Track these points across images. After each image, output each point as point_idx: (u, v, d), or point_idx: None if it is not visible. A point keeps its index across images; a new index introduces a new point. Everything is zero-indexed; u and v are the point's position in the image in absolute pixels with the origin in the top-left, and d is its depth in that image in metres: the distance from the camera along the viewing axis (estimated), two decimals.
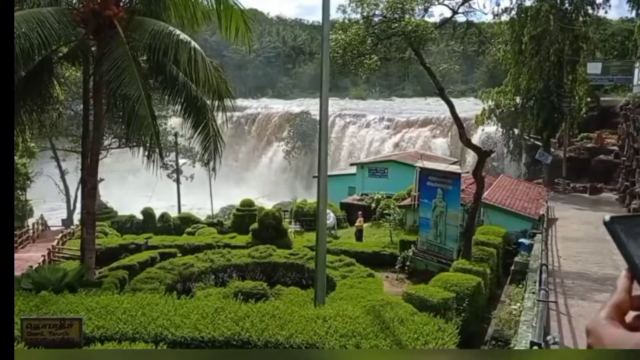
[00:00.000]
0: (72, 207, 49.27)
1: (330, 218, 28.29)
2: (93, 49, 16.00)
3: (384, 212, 27.74)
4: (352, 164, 42.75)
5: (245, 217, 29.84)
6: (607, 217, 0.80)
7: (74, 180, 47.43)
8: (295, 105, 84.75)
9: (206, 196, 45.20)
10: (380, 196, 32.14)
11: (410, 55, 20.84)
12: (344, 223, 32.22)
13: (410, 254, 20.14)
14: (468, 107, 67.58)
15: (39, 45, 13.88)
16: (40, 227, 35.73)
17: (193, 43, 14.46)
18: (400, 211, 26.31)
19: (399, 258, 20.48)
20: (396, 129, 67.65)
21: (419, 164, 22.26)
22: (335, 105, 79.08)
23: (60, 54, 16.79)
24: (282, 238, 23.78)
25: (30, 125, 19.88)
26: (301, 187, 65.86)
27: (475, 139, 48.86)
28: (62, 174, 49.43)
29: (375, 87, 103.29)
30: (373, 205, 31.83)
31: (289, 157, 71.34)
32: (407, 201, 27.16)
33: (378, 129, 69.08)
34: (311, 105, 78.89)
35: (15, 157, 30.82)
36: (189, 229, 30.20)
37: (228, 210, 46.28)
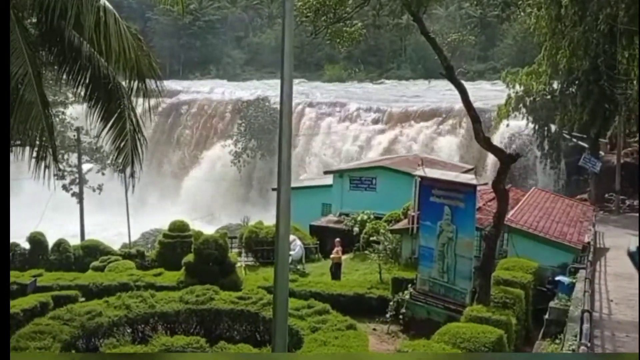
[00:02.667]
0: None
1: (296, 247, 28.31)
2: None
3: (371, 239, 27.86)
4: (326, 172, 42.91)
5: (176, 245, 29.58)
6: (633, 248, 0.83)
7: None
8: (248, 90, 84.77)
9: (121, 216, 44.63)
10: (365, 217, 32.25)
11: (408, 21, 21.14)
12: (315, 254, 32.25)
13: (407, 297, 20.22)
14: (487, 93, 68.85)
15: None
16: None
17: (103, 0, 14.35)
18: (393, 238, 26.45)
19: (391, 303, 20.52)
20: (389, 124, 68.28)
21: (419, 172, 22.48)
22: (304, 89, 79.63)
23: None
24: (227, 275, 23.63)
25: None
26: (255, 205, 65.66)
27: (497, 138, 49.75)
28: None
29: (360, 65, 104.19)
30: (356, 229, 31.92)
31: (238, 161, 71.15)
32: (403, 224, 27.34)
33: (363, 122, 69.57)
34: (270, 90, 78.91)
35: None
36: (96, 263, 29.73)
37: (152, 237, 45.89)
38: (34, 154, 14.19)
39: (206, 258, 23.78)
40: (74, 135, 46.23)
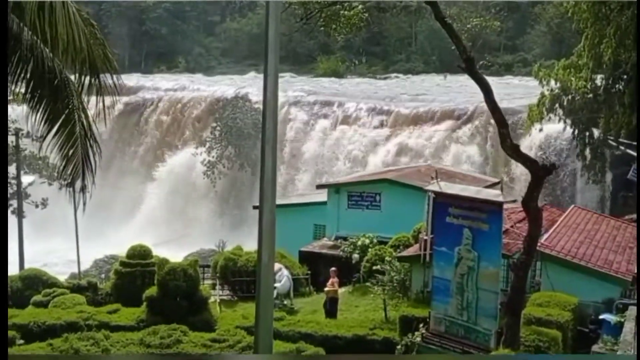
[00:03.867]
0: None
1: (283, 278, 28.23)
2: None
3: (374, 268, 27.82)
4: (320, 186, 42.92)
5: (135, 276, 29.44)
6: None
7: None
8: (224, 86, 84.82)
9: (69, 240, 44.53)
10: (367, 241, 32.17)
11: (419, 3, 21.27)
12: (305, 287, 32.18)
13: (418, 339, 20.19)
14: (516, 90, 69.05)
15: None
16: None
17: None
18: (401, 267, 26.42)
19: (399, 347, 20.49)
20: (395, 127, 68.38)
21: (433, 186, 22.52)
22: (293, 85, 79.77)
23: None
24: (198, 312, 23.59)
25: None
26: (233, 226, 65.58)
27: (528, 145, 49.83)
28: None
29: (361, 56, 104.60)
30: (355, 256, 31.83)
31: (212, 173, 71.15)
32: (413, 250, 27.32)
33: (365, 125, 69.68)
34: (251, 86, 78.98)
35: None
36: (38, 297, 29.58)
37: (106, 265, 45.72)
38: None
39: (173, 291, 23.74)
40: (12, 142, 46.09)
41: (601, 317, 20.97)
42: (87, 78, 15.77)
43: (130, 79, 79.10)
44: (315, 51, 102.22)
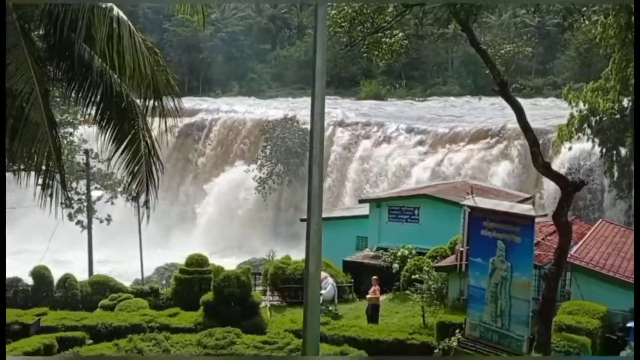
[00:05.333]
0: None
1: (328, 286, 28.26)
2: None
3: (413, 277, 27.71)
4: (362, 201, 42.83)
5: (193, 282, 29.73)
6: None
7: None
8: (274, 108, 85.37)
9: (134, 249, 45.06)
10: (407, 252, 32.09)
11: (455, 30, 21.22)
12: (349, 294, 32.12)
13: (454, 344, 20.04)
14: (547, 112, 68.33)
15: None
16: None
17: (117, 10, 14.62)
18: (438, 276, 26.29)
19: (436, 351, 20.36)
20: (433, 146, 68.14)
21: (469, 201, 22.36)
22: (337, 107, 79.91)
23: None
24: (251, 317, 23.68)
25: None
26: (281, 237, 65.74)
27: (558, 163, 49.25)
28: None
29: (401, 80, 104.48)
30: (395, 266, 31.76)
31: (263, 188, 71.49)
32: (450, 260, 27.16)
33: (404, 145, 69.54)
34: (299, 108, 79.34)
35: None
36: (105, 301, 30.01)
37: (167, 272, 46.16)
38: (40, 180, 14.38)
39: (227, 297, 23.90)
40: (83, 159, 46.81)
41: (628, 324, 20.61)
42: (151, 101, 15.99)
43: (189, 102, 79.97)
44: (357, 75, 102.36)
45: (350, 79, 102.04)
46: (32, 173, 14.65)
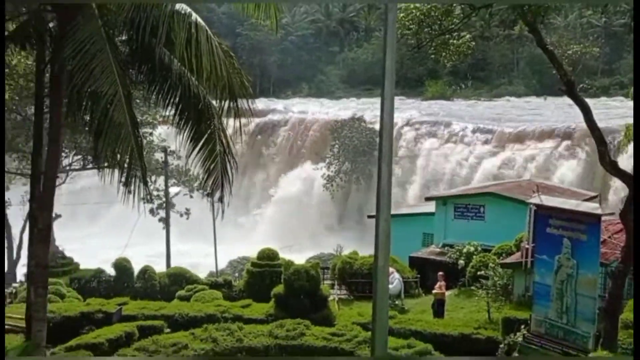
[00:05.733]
0: (15, 255, 50.79)
1: (395, 281, 28.14)
2: (51, 25, 16.69)
3: (479, 273, 27.39)
4: (428, 199, 42.53)
5: (264, 275, 30.09)
6: None
7: (18, 216, 49.00)
8: (342, 108, 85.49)
9: (208, 243, 45.80)
10: (472, 249, 31.76)
11: (521, 31, 20.88)
12: (415, 289, 31.95)
13: (520, 339, 19.72)
14: (614, 112, 66.50)
15: None
16: None
17: (195, 16, 14.88)
18: (504, 273, 25.93)
19: (502, 346, 20.08)
20: (499, 145, 67.15)
21: (535, 199, 21.94)
22: (404, 108, 79.45)
23: (5, 33, 17.60)
24: (320, 309, 23.75)
25: None
26: (349, 233, 65.77)
27: (625, 162, 47.85)
28: (2, 206, 51.12)
29: (467, 80, 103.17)
30: (461, 262, 31.46)
31: (331, 185, 71.69)
32: (515, 257, 26.74)
33: (470, 144, 68.71)
34: (367, 109, 79.27)
35: None
36: (181, 292, 30.63)
37: (240, 265, 46.74)
38: (123, 177, 14.72)
39: (297, 290, 24.03)
40: (161, 158, 47.84)
41: None
42: (226, 102, 16.22)
43: (260, 103, 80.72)
44: (423, 76, 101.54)
45: (417, 79, 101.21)
46: (116, 171, 15.04)
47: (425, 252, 36.14)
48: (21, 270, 42.51)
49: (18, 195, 48.78)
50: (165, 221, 46.87)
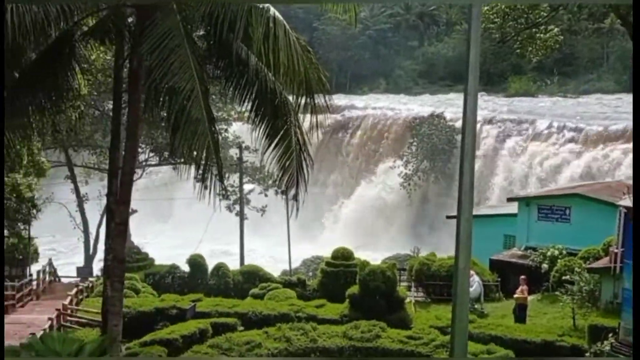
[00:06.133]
0: (91, 249, 52.41)
1: (474, 284, 27.79)
2: (130, 20, 17.15)
3: (563, 278, 26.80)
4: (510, 199, 41.79)
5: (339, 275, 30.18)
6: None
7: (95, 210, 50.61)
8: (421, 105, 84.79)
9: (282, 241, 46.18)
10: (557, 252, 31.10)
11: (612, 24, 20.28)
12: (495, 293, 31.51)
13: (607, 348, 19.21)
14: None
15: (57, 14, 15.11)
16: (47, 278, 38.36)
17: (273, 10, 15.01)
18: (590, 278, 25.27)
19: (588, 354, 19.61)
20: (586, 144, 65.35)
21: (625, 201, 21.28)
22: (486, 104, 78.26)
23: (85, 28, 18.17)
24: (396, 311, 23.67)
25: (41, 130, 21.65)
26: (427, 233, 65.30)
27: None
28: (80, 201, 52.91)
29: (553, 76, 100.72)
30: (545, 266, 30.86)
31: (408, 184, 71.22)
32: (603, 262, 26.03)
33: (556, 142, 67.13)
34: (447, 105, 78.41)
35: (18, 176, 33.50)
36: (255, 290, 31.04)
37: (314, 264, 46.99)
38: (199, 173, 14.95)
39: (372, 291, 24.00)
40: (236, 154, 48.51)
41: None
42: (303, 98, 16.30)
43: (337, 99, 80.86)
44: (507, 72, 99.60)
45: (500, 75, 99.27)
46: (192, 167, 15.31)
47: (506, 254, 35.59)
48: (98, 265, 43.90)
49: (95, 190, 50.52)
50: (239, 218, 47.53)
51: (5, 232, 35.81)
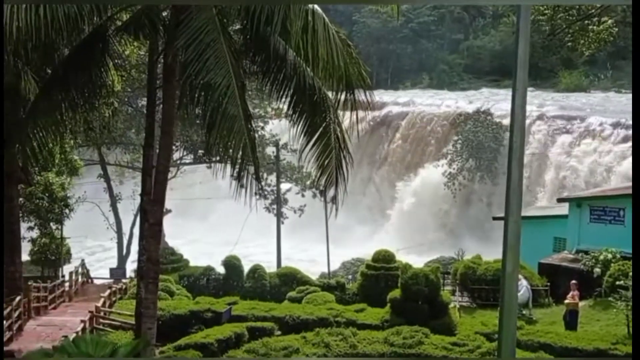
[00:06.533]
0: (125, 250, 53.03)
1: (522, 289, 27.50)
2: (164, 14, 17.30)
3: (617, 283, 26.37)
4: (561, 200, 41.28)
5: (380, 278, 30.09)
6: None
7: (129, 210, 51.23)
8: (466, 100, 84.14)
9: (321, 242, 46.23)
10: (610, 256, 30.63)
11: None
12: (544, 298, 31.16)
13: None
14: None
15: (91, 9, 15.32)
16: (80, 279, 38.92)
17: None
18: None
19: None
20: None
21: None
22: (535, 100, 77.38)
23: (119, 23, 18.38)
24: (439, 317, 23.56)
25: (74, 128, 22.00)
26: (471, 235, 64.79)
27: None
28: (114, 200, 53.53)
29: (606, 70, 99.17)
30: (597, 270, 30.40)
31: (453, 184, 70.71)
32: None
33: (609, 140, 66.09)
34: (493, 101, 77.69)
35: (51, 175, 34.07)
36: (292, 293, 31.09)
37: (353, 267, 46.95)
38: (235, 172, 14.99)
39: (415, 295, 23.90)
40: (273, 152, 48.57)
41: None
42: (342, 94, 16.28)
43: (377, 95, 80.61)
44: (557, 66, 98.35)
45: (549, 69, 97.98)
46: (228, 165, 15.36)
47: (556, 258, 35.14)
48: (131, 267, 44.35)
49: (129, 189, 51.09)
50: (277, 219, 47.61)
51: (37, 232, 36.47)
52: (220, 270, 34.36)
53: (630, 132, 65.87)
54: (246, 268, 34.18)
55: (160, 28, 17.29)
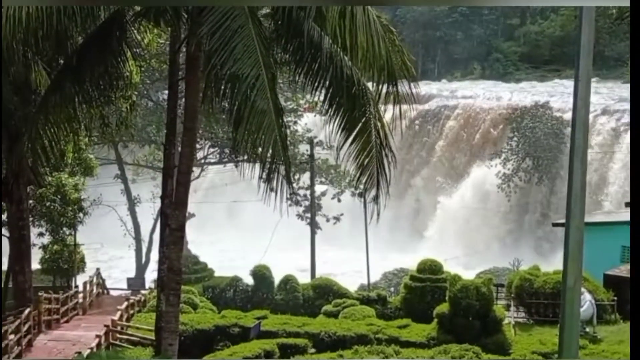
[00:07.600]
0: (144, 258, 53.31)
1: (585, 303, 27.18)
2: None
3: None
4: (629, 205, 40.73)
5: (425, 291, 29.93)
6: None
7: (148, 214, 51.53)
8: (522, 93, 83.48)
9: (360, 251, 46.10)
10: None
11: None
12: (610, 314, 30.75)
13: None
14: None
15: None
16: (94, 290, 39.25)
17: None
18: None
19: None
20: None
21: None
22: (600, 92, 76.51)
23: (138, 8, 18.49)
24: (492, 334, 23.40)
25: (89, 124, 22.18)
26: (529, 243, 64.25)
27: None
28: (132, 203, 53.87)
29: None
30: None
31: (507, 186, 70.24)
32: None
33: None
34: (553, 93, 76.93)
35: (63, 175, 34.32)
36: (328, 307, 31.04)
37: (396, 278, 46.75)
38: (264, 173, 14.91)
39: (465, 310, 23.75)
40: (307, 151, 48.30)
41: None
42: (385, 86, 16.16)
43: (424, 87, 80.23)
44: (625, 54, 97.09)
45: (617, 58, 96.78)
46: (257, 165, 15.34)
47: (624, 269, 34.62)
48: (150, 276, 44.57)
49: (147, 190, 51.30)
50: (310, 225, 47.37)
51: (49, 238, 36.74)
52: (249, 281, 34.43)
53: None
54: (277, 279, 34.21)
55: (183, 13, 17.30)
